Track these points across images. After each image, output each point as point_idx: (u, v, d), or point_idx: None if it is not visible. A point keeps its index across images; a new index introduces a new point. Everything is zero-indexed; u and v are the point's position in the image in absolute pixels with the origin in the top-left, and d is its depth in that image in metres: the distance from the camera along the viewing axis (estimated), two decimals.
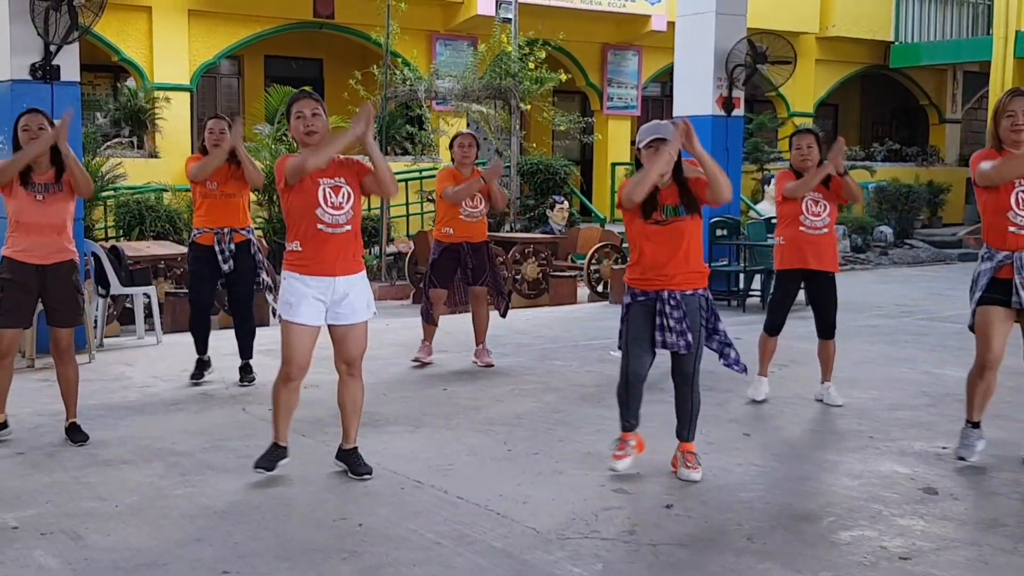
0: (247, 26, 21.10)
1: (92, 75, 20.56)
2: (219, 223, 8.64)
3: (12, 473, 6.30)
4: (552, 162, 20.80)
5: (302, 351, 6.06)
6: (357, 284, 6.09)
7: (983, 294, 6.33)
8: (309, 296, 5.97)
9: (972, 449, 6.52)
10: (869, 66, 28.59)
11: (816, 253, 7.98)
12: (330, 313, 6.04)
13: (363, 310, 6.12)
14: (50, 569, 4.81)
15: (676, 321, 6.00)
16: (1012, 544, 5.19)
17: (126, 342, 10.92)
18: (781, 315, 8.20)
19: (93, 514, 5.56)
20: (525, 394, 8.48)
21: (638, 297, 6.13)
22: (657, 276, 6.05)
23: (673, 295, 6.03)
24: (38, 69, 9.89)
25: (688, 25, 14.21)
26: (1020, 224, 6.20)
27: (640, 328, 6.10)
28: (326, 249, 5.97)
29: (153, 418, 7.69)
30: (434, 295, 9.64)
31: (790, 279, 8.18)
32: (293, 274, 6.02)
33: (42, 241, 6.83)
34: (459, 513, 5.60)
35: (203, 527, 5.37)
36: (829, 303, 8.10)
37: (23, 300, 6.91)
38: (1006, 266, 6.25)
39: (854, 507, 5.75)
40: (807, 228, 7.97)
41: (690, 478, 6.15)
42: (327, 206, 5.94)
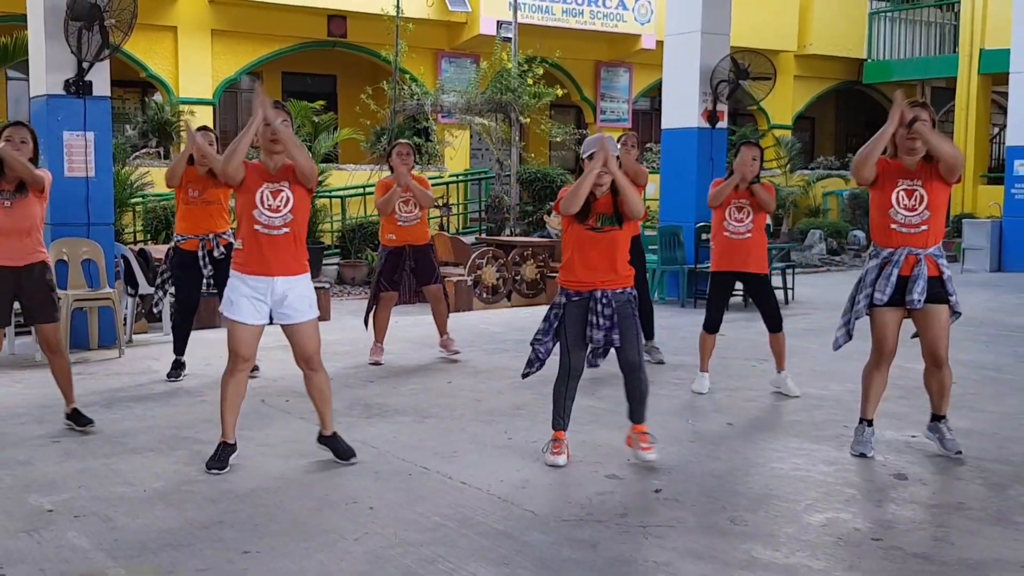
0: (266, 44, 21.11)
1: (122, 90, 20.57)
2: (202, 230, 8.62)
3: (47, 459, 6.29)
4: (549, 171, 20.79)
5: (245, 345, 6.01)
6: (297, 285, 6.02)
7: (872, 291, 6.29)
8: (249, 296, 5.94)
9: (868, 445, 6.47)
10: (844, 82, 28.61)
11: (743, 256, 8.08)
12: (275, 313, 6.01)
13: (306, 310, 6.05)
14: (82, 549, 4.81)
15: (606, 319, 6.04)
16: (976, 526, 5.19)
17: (153, 338, 10.92)
18: (715, 313, 8.24)
19: (122, 498, 5.56)
20: (524, 387, 8.45)
21: (572, 297, 6.15)
22: (590, 278, 6.09)
23: (605, 294, 6.06)
24: (72, 85, 9.91)
25: (675, 44, 14.22)
26: (901, 222, 6.19)
27: (576, 326, 6.11)
28: (263, 249, 5.93)
29: (178, 409, 7.69)
30: (385, 297, 9.57)
31: (720, 280, 8.26)
32: (235, 272, 6.02)
33: (13, 244, 6.78)
34: (463, 497, 5.60)
35: (225, 510, 5.37)
36: (767, 300, 8.17)
37: (1, 302, 6.85)
38: (888, 261, 6.24)
39: (830, 491, 5.75)
40: (730, 233, 8.08)
41: (646, 459, 6.17)
42: (263, 207, 5.90)
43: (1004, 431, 7.00)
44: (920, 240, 6.18)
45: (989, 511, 5.44)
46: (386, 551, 4.78)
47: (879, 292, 6.21)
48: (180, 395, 8.16)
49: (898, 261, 6.17)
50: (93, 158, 10.14)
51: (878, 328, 6.35)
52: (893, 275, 6.18)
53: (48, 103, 9.92)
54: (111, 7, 9.75)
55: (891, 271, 6.18)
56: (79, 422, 6.98)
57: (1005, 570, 4.62)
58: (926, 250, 6.19)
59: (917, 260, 6.16)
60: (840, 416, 7.48)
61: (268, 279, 5.94)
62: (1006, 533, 5.09)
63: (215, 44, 20.50)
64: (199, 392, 8.24)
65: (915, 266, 6.16)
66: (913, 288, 6.14)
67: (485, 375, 9.00)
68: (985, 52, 24.32)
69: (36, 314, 6.95)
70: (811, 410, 7.74)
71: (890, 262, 6.21)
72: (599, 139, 6.18)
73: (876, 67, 27.79)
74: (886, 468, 6.20)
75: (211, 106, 20.50)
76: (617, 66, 25.16)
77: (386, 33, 18.92)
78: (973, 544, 4.94)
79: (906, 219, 6.18)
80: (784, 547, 4.88)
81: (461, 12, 21.82)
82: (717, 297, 8.27)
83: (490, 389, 8.40)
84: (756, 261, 8.12)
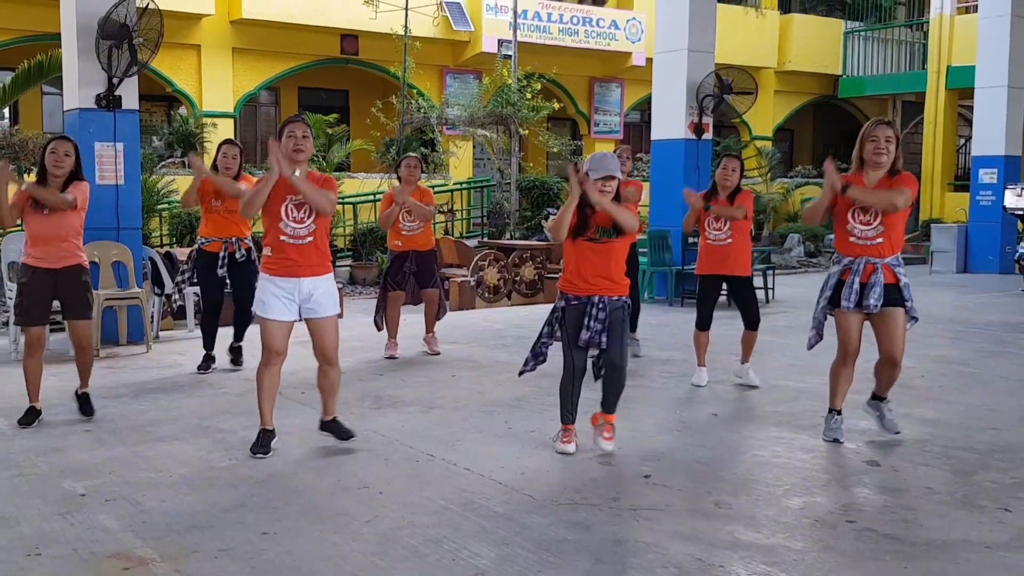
0: (283, 62, 21.12)
1: (149, 104, 20.57)
2: (224, 234, 8.69)
3: (80, 447, 6.29)
4: (546, 179, 20.81)
5: (277, 340, 6.07)
6: (322, 284, 6.10)
7: (832, 293, 6.34)
8: (279, 295, 6.00)
9: (839, 431, 6.50)
10: (820, 96, 28.60)
11: (723, 260, 8.11)
12: (303, 309, 6.06)
13: (330, 306, 6.13)
14: (112, 530, 4.81)
15: (598, 322, 6.05)
16: (944, 509, 5.19)
17: (178, 335, 10.91)
18: (704, 312, 8.25)
19: (150, 483, 5.56)
20: (523, 380, 8.41)
21: (572, 301, 6.15)
22: (588, 284, 6.09)
23: (602, 299, 6.07)
24: (102, 99, 9.92)
25: (664, 61, 14.22)
26: (858, 235, 6.22)
27: (575, 328, 6.12)
28: (290, 256, 6.00)
29: (201, 400, 7.68)
30: (392, 296, 9.61)
31: (705, 282, 8.29)
32: (265, 275, 6.08)
33: (51, 249, 6.86)
34: (466, 482, 5.60)
35: (245, 494, 5.36)
36: (748, 301, 8.19)
37: (40, 300, 6.93)
38: (849, 269, 6.27)
39: (807, 477, 5.75)
40: (712, 240, 8.14)
41: (604, 448, 6.19)
42: (288, 219, 5.98)
43: (969, 421, 7.00)
44: (876, 251, 6.21)
45: (955, 495, 5.43)
46: (395, 532, 4.78)
47: (845, 300, 6.24)
48: (203, 387, 8.15)
49: (858, 270, 6.22)
50: (122, 167, 10.16)
51: (842, 330, 6.38)
52: (855, 283, 6.21)
53: (80, 116, 9.93)
54: (139, 27, 9.75)
55: (853, 279, 6.22)
56: (84, 409, 7.06)
57: (971, 550, 4.61)
58: (883, 259, 6.21)
59: (874, 269, 6.19)
60: (817, 407, 7.46)
61: (296, 280, 6.01)
62: (971, 516, 5.09)
63: (236, 61, 20.50)
64: (221, 385, 8.24)
65: (872, 274, 6.19)
66: (870, 294, 6.18)
67: (487, 369, 9.00)
68: (952, 69, 24.31)
69: (72, 311, 7.00)
70: (790, 401, 7.74)
71: (851, 270, 6.25)
72: (610, 161, 6.09)
73: (850, 83, 27.79)
74: (859, 455, 6.20)
75: (232, 119, 20.51)
76: (609, 82, 25.15)
77: (395, 51, 18.95)
78: (941, 526, 4.94)
79: (863, 232, 6.22)
80: (765, 529, 4.87)
81: (465, 31, 21.82)
82: (704, 297, 8.28)
83: (492, 382, 8.40)
84: (737, 265, 8.13)
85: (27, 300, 6.89)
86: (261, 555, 4.51)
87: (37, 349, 6.94)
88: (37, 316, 6.93)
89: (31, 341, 6.92)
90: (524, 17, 21.62)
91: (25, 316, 6.90)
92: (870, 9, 28.86)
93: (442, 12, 21.39)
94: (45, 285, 6.89)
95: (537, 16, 22.39)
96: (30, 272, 6.88)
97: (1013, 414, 7.00)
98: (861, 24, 28.31)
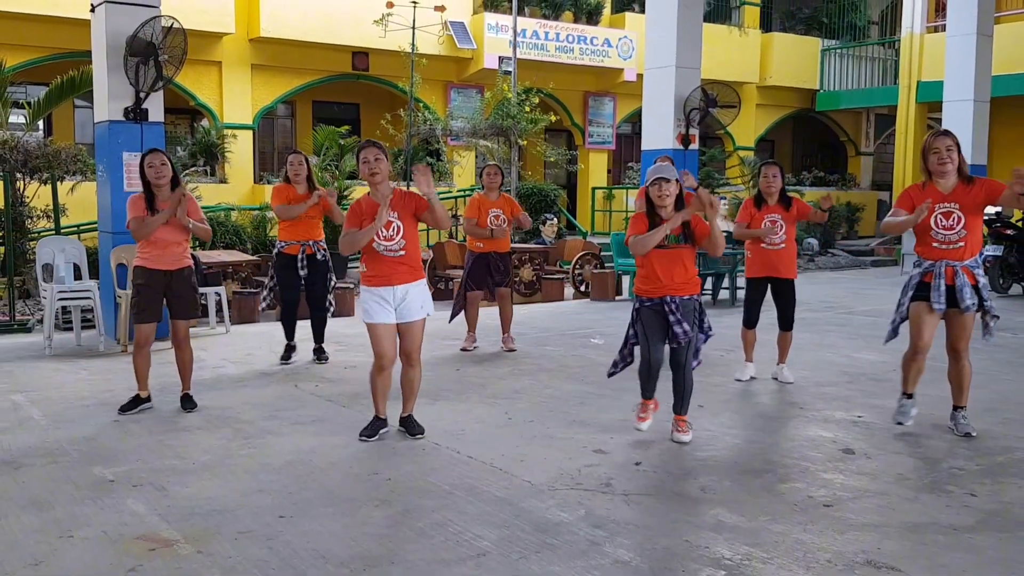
0: (299, 77, 21.11)
1: (174, 116, 20.56)
2: (304, 237, 8.78)
3: (110, 436, 6.29)
4: (544, 187, 20.76)
5: (386, 345, 6.14)
6: (413, 289, 6.17)
7: (914, 293, 6.33)
8: (381, 302, 6.09)
9: (907, 415, 6.54)
10: (799, 109, 28.58)
11: (776, 264, 8.01)
12: (396, 312, 6.13)
13: (417, 310, 6.18)
14: (140, 514, 4.81)
15: (680, 315, 6.06)
16: (914, 494, 5.19)
17: (201, 332, 10.90)
18: (753, 312, 8.17)
19: (174, 470, 5.56)
20: (523, 374, 8.47)
21: (646, 303, 6.16)
22: (662, 286, 6.09)
23: (674, 299, 6.07)
24: (130, 112, 9.91)
25: (653, 76, 14.20)
26: (940, 240, 6.20)
27: (652, 326, 6.13)
28: (383, 267, 6.10)
29: (223, 393, 7.68)
30: (472, 296, 9.72)
31: (755, 285, 8.16)
32: (365, 287, 6.17)
33: (166, 253, 6.97)
34: (469, 469, 5.60)
35: (263, 480, 5.36)
36: (789, 303, 8.09)
37: (155, 299, 7.00)
38: (930, 272, 6.26)
39: (787, 464, 5.75)
40: (767, 244, 7.99)
41: (681, 440, 6.20)
42: (379, 239, 6.06)
43: (938, 412, 6.97)
44: (957, 254, 6.21)
45: (925, 481, 5.44)
46: (403, 516, 4.78)
47: (936, 302, 6.19)
48: (224, 381, 8.15)
49: (940, 272, 6.20)
50: None
51: (917, 326, 6.33)
52: (941, 285, 6.18)
53: (110, 128, 9.92)
54: (165, 45, 9.74)
55: (939, 282, 6.18)
56: (186, 406, 7.09)
57: (939, 532, 4.61)
58: (962, 262, 6.21)
59: (955, 271, 6.19)
60: (796, 400, 7.47)
61: (390, 288, 6.10)
62: (939, 500, 5.09)
63: (255, 77, 20.48)
64: (241, 379, 8.23)
65: (955, 276, 6.19)
66: (963, 296, 6.17)
67: (489, 364, 8.99)
68: (922, 83, 24.30)
69: (180, 310, 7.09)
70: (773, 394, 7.74)
71: (933, 273, 6.22)
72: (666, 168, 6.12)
73: (827, 96, 27.76)
74: (836, 444, 6.20)
75: (251, 130, 20.50)
76: (603, 96, 25.14)
77: (403, 67, 18.93)
78: (912, 509, 4.94)
79: (945, 237, 6.20)
80: (748, 512, 4.87)
81: (468, 49, 21.82)
82: (752, 299, 8.16)
83: (493, 376, 8.39)
84: (789, 268, 8.06)
85: (143, 299, 6.96)
86: (278, 536, 4.51)
87: (146, 343, 7.00)
88: (152, 314, 7.00)
89: (141, 336, 6.97)
90: (523, 36, 21.63)
91: (143, 315, 6.96)
92: (845, 28, 28.84)
93: (447, 31, 21.39)
94: (159, 285, 6.99)
95: (535, 35, 22.39)
96: (146, 273, 6.97)
97: (979, 406, 6.99)
98: (837, 42, 28.28)
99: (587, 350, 9.71)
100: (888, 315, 6.81)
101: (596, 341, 10.29)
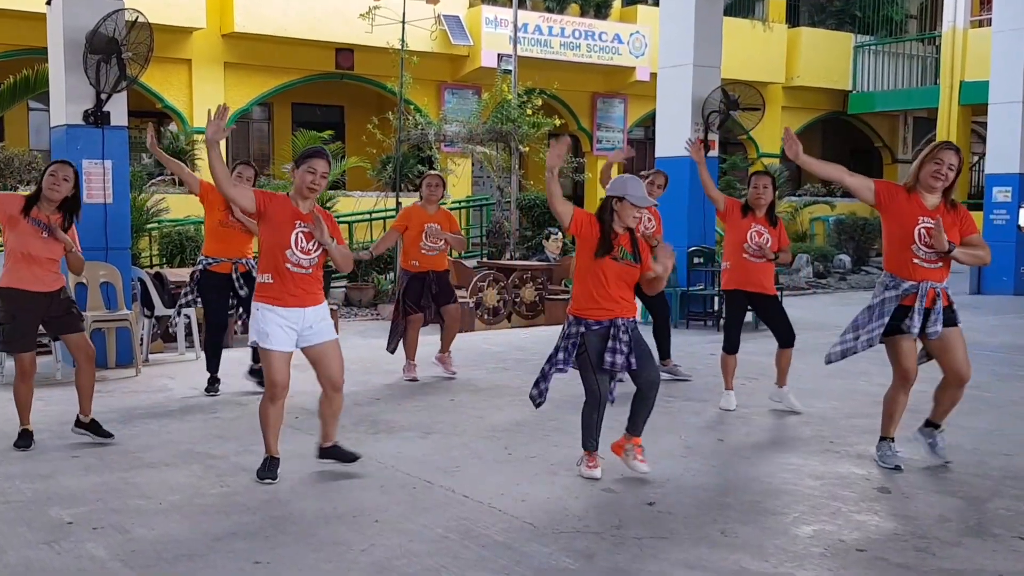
0: (276, 77, 21.21)
1: (138, 120, 20.59)
2: (233, 253, 8.73)
3: (67, 473, 6.31)
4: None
5: (282, 374, 6.05)
6: (321, 312, 6.14)
7: (890, 321, 6.28)
8: (282, 325, 5.98)
9: (895, 458, 6.50)
10: (829, 112, 28.70)
11: (760, 278, 8.10)
12: (301, 339, 6.06)
13: (329, 330, 6.17)
14: (100, 560, 4.83)
15: (624, 344, 6.06)
16: (957, 537, 5.20)
17: (168, 358, 10.93)
18: (734, 334, 8.23)
19: (139, 511, 5.57)
20: (524, 404, 8.46)
21: (592, 326, 6.15)
22: (613, 305, 6.11)
23: (625, 322, 6.11)
24: (90, 115, 9.94)
25: (668, 76, 14.28)
26: (923, 257, 6.20)
27: (599, 354, 6.11)
28: (295, 285, 6.01)
29: (192, 425, 7.70)
30: (413, 319, 9.57)
31: (734, 299, 8.24)
32: (266, 305, 6.01)
33: (42, 272, 6.86)
34: (465, 510, 5.61)
35: (237, 522, 5.38)
36: (780, 317, 8.14)
37: (31, 325, 6.94)
38: (912, 294, 6.25)
39: (816, 504, 5.77)
40: (750, 256, 8.09)
41: (639, 470, 6.21)
42: (296, 248, 5.99)
43: (983, 446, 7.01)
44: (939, 274, 6.24)
45: (968, 523, 5.45)
46: (391, 562, 4.80)
47: (912, 327, 6.20)
48: (194, 412, 8.17)
49: (923, 294, 6.20)
50: (111, 185, 10.16)
51: (904, 356, 6.34)
52: (920, 308, 6.20)
53: (68, 133, 9.96)
54: (128, 41, 9.79)
55: (920, 305, 6.19)
56: (99, 432, 7.06)
57: None
58: (942, 283, 6.25)
59: (936, 294, 6.21)
60: (826, 432, 7.49)
61: (300, 310, 6.03)
62: (985, 544, 5.10)
63: (228, 76, 20.59)
64: (212, 409, 8.26)
65: (935, 299, 6.21)
66: (935, 321, 6.19)
67: (487, 393, 9.02)
68: (965, 84, 24.42)
69: (65, 325, 7.03)
70: (798, 427, 7.75)
71: (914, 295, 6.21)
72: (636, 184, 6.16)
73: (860, 98, 27.89)
74: (870, 482, 6.21)
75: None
76: (612, 97, 25.26)
77: (391, 65, 19.00)
78: (954, 555, 4.96)
79: (927, 255, 6.20)
80: (773, 558, 4.89)
81: (463, 45, 21.92)
82: (733, 318, 8.25)
83: (491, 406, 8.42)
84: (770, 282, 8.14)
85: (18, 327, 6.88)
86: None
87: (31, 374, 6.97)
88: (28, 342, 6.96)
89: (25, 365, 6.93)
90: (524, 31, 21.73)
91: (19, 342, 6.90)
92: (880, 22, 28.98)
93: (440, 26, 21.50)
94: (37, 309, 6.91)
95: (538, 30, 22.51)
96: (19, 296, 6.83)
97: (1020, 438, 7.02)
98: (871, 38, 28.43)
99: None
100: None
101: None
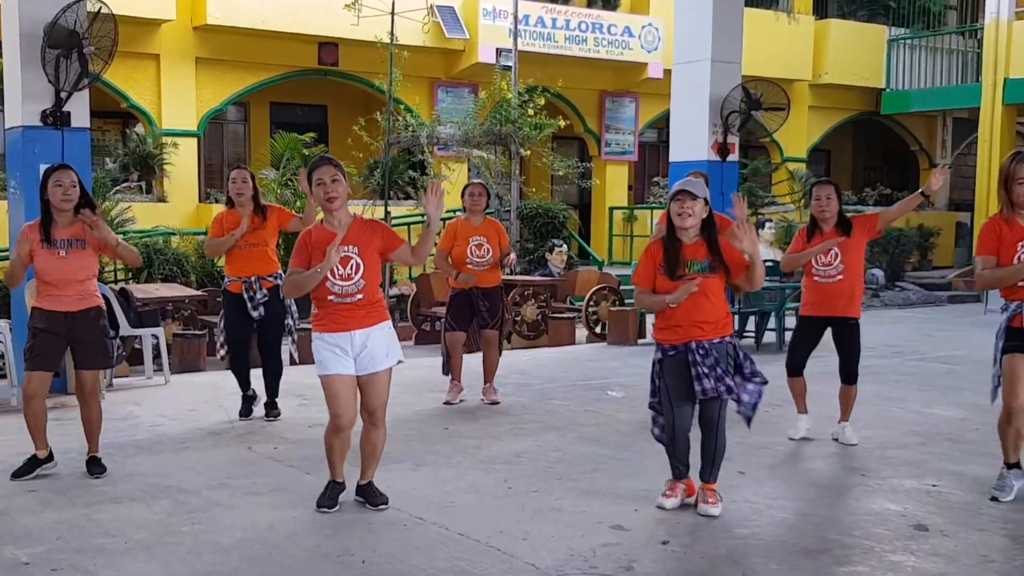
0: (253, 73, 21.22)
1: (102, 121, 20.69)
2: (246, 272, 8.82)
3: (24, 510, 6.32)
4: (551, 206, 20.85)
5: (345, 401, 6.17)
6: (375, 334, 6.20)
7: (1004, 343, 6.43)
8: (336, 351, 6.11)
9: (1007, 489, 6.54)
10: (861, 112, 28.71)
11: (832, 301, 8.03)
12: (357, 364, 6.16)
13: (382, 359, 6.21)
14: None
15: (709, 368, 6.07)
16: None
17: (135, 382, 10.95)
18: (796, 355, 8.22)
19: (103, 550, 5.58)
20: (525, 433, 8.50)
21: (668, 352, 6.19)
22: (685, 329, 6.12)
23: (702, 345, 6.09)
24: (49, 115, 9.95)
25: (684, 72, 14.30)
26: None
27: (676, 381, 6.15)
28: (340, 312, 6.13)
29: (161, 456, 7.71)
30: (452, 338, 9.72)
31: (807, 324, 8.21)
32: (317, 333, 6.21)
33: (59, 292, 7.01)
34: (460, 549, 5.62)
35: (210, 563, 5.39)
36: (851, 349, 8.10)
37: (53, 346, 7.06)
38: (1017, 315, 6.35)
39: (847, 544, 5.78)
40: (820, 277, 8.04)
41: (710, 512, 6.21)
42: (335, 278, 6.10)
43: None
44: None
45: (1014, 564, 5.46)
46: None
47: None
48: (163, 442, 8.18)
49: None
50: None
51: (1010, 380, 6.46)
52: None
53: (24, 135, 9.96)
54: (90, 34, 9.80)
55: None
56: (92, 470, 7.14)
57: None
58: None
59: None
60: (856, 465, 7.50)
61: (347, 334, 6.13)
62: None
63: (200, 73, 20.60)
64: (183, 439, 8.26)
65: None
66: None
67: (484, 421, 9.02)
68: (1010, 81, 24.43)
69: (86, 359, 7.16)
70: (827, 458, 7.76)
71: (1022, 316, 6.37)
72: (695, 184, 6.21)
73: (895, 97, 27.91)
74: (906, 519, 6.22)
75: (195, 138, 20.58)
76: (622, 96, 25.29)
77: (379, 61, 19.04)
78: None
79: None
80: None
81: (459, 39, 21.95)
82: (800, 340, 8.24)
83: (488, 435, 8.42)
84: (846, 304, 8.07)
85: (38, 345, 7.03)
86: None
87: (35, 395, 7.05)
88: (47, 362, 7.08)
89: (31, 388, 7.03)
90: (526, 23, 21.76)
91: (35, 360, 7.02)
92: (917, 14, 29.04)
93: (433, 18, 21.51)
94: (59, 330, 7.04)
95: (540, 22, 22.55)
96: (44, 316, 7.03)
97: None
98: (907, 31, 28.49)
99: (603, 404, 9.75)
100: (968, 362, 6.87)
101: (613, 394, 10.32)
